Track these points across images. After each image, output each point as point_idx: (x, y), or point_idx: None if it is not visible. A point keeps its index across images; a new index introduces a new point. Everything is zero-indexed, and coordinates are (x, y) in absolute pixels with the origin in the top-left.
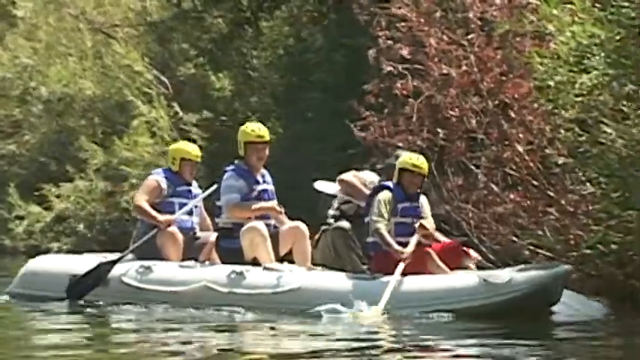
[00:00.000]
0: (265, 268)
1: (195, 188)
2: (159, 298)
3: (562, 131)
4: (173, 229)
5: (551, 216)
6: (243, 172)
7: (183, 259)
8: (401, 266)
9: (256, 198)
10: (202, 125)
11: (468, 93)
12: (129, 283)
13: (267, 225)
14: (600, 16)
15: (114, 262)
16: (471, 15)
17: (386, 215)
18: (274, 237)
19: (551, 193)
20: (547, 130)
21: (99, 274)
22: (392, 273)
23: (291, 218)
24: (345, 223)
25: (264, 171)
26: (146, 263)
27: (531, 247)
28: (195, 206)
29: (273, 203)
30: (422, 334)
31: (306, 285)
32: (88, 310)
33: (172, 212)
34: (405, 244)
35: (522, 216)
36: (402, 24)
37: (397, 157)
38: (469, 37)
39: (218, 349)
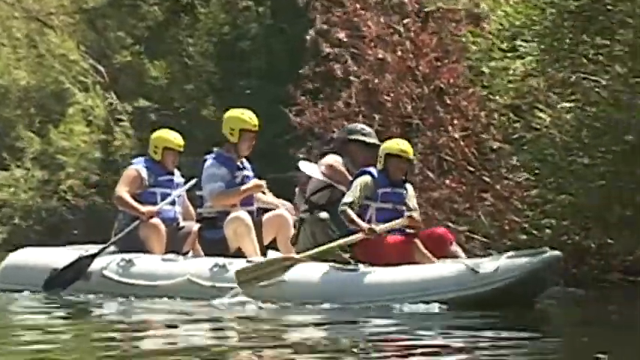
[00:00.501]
0: (248, 262)
1: (177, 177)
2: (141, 292)
3: (496, 117)
4: (156, 220)
5: (486, 201)
6: (225, 160)
7: (166, 251)
8: (356, 236)
9: (240, 184)
10: (137, 113)
11: (404, 78)
12: (110, 276)
13: (251, 212)
14: None
15: (94, 256)
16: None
17: (356, 198)
18: (258, 225)
19: (487, 179)
20: (482, 115)
21: (79, 268)
22: (377, 261)
23: (277, 196)
24: (323, 213)
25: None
26: (128, 256)
27: (467, 233)
28: (178, 195)
29: (255, 181)
30: (410, 325)
31: (288, 277)
32: (69, 304)
33: (154, 203)
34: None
35: (458, 201)
36: (339, 9)
37: (350, 131)
38: (405, 22)
39: (199, 344)
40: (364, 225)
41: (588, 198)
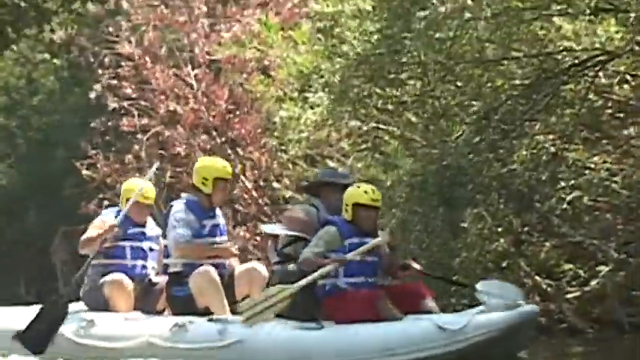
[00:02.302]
0: (210, 320)
1: (150, 230)
2: (101, 355)
3: (290, 167)
4: (118, 276)
5: None
6: (194, 206)
7: (137, 309)
8: (330, 267)
9: (208, 234)
10: None
11: (196, 130)
12: (71, 338)
13: (218, 265)
14: (323, 47)
15: (65, 303)
16: (196, 51)
17: (318, 249)
18: (229, 279)
19: None
20: (275, 166)
21: (54, 315)
22: (342, 317)
23: (245, 261)
24: (292, 267)
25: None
26: (90, 315)
27: None
28: (151, 249)
29: (229, 245)
30: None
31: (249, 337)
32: None
33: (123, 256)
34: (355, 285)
35: (252, 252)
36: (128, 63)
37: (324, 174)
38: (195, 73)
39: None
40: (332, 257)
41: None
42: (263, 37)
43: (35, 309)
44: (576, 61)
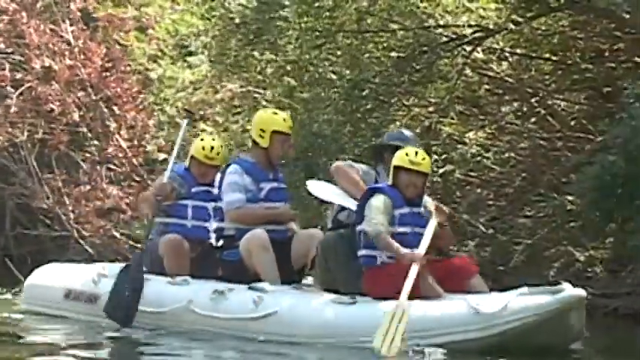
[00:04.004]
0: (250, 288)
1: (217, 189)
2: (143, 320)
3: (166, 127)
4: (176, 237)
5: None
6: (250, 167)
7: (195, 273)
8: (414, 270)
9: (265, 198)
10: None
11: (72, 86)
12: None
13: (275, 231)
14: (201, 8)
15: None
16: (73, 7)
17: (384, 220)
18: (285, 246)
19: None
20: (151, 125)
21: (134, 283)
22: (386, 294)
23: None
24: (333, 235)
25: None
26: None
27: (131, 242)
28: (216, 210)
29: (285, 207)
30: None
31: (283, 310)
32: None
33: (184, 216)
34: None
35: (125, 210)
36: (3, 17)
37: (387, 137)
38: (72, 30)
39: None
40: (403, 251)
41: None
42: None
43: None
44: (453, 36)
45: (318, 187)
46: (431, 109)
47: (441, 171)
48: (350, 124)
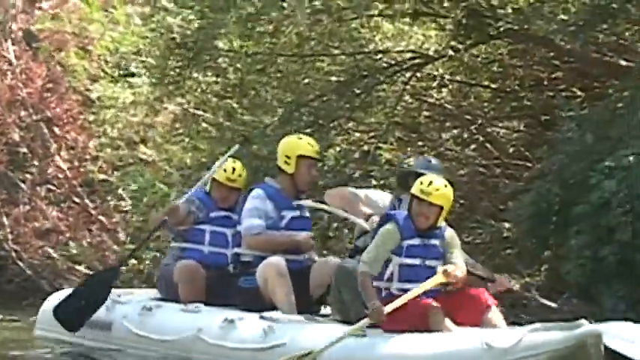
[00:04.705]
0: (261, 317)
1: (237, 215)
2: (152, 347)
3: (108, 149)
4: (191, 263)
5: (92, 232)
6: (274, 193)
7: (209, 301)
8: (364, 322)
9: (286, 227)
10: None
11: (13, 106)
12: (127, 326)
13: (294, 261)
14: (143, 27)
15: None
16: (14, 27)
17: (381, 254)
18: (304, 275)
19: (92, 211)
20: (90, 146)
21: (97, 295)
22: (391, 327)
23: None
24: (349, 262)
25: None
26: (149, 303)
27: (69, 264)
28: (235, 237)
29: (304, 235)
30: None
31: (292, 341)
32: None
33: (201, 241)
34: (409, 292)
35: (64, 231)
36: None
37: (411, 164)
38: (14, 49)
39: None
40: (372, 302)
41: None
42: (83, 14)
43: None
44: (392, 62)
45: (311, 203)
46: (370, 134)
47: None
48: None
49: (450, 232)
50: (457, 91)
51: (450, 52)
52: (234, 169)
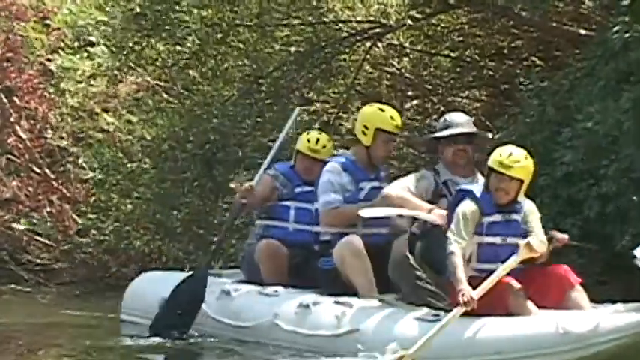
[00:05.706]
0: (336, 302)
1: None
2: (227, 334)
3: (68, 118)
4: (273, 242)
5: (52, 202)
6: (350, 165)
7: (294, 281)
8: (457, 310)
9: (365, 199)
10: None
11: None
12: (205, 310)
13: (374, 235)
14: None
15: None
16: None
17: (466, 234)
18: (385, 251)
19: (53, 181)
20: (51, 116)
21: (192, 298)
22: (473, 311)
23: None
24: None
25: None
26: (228, 287)
27: (29, 234)
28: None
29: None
30: None
31: (366, 327)
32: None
33: (285, 218)
34: (488, 272)
35: (23, 202)
36: None
37: (444, 127)
38: None
39: None
40: (461, 286)
41: (153, 204)
42: None
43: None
44: (353, 32)
45: (374, 212)
46: (331, 104)
47: None
48: (249, 119)
49: (529, 205)
50: (418, 60)
51: (410, 22)
52: (317, 140)
